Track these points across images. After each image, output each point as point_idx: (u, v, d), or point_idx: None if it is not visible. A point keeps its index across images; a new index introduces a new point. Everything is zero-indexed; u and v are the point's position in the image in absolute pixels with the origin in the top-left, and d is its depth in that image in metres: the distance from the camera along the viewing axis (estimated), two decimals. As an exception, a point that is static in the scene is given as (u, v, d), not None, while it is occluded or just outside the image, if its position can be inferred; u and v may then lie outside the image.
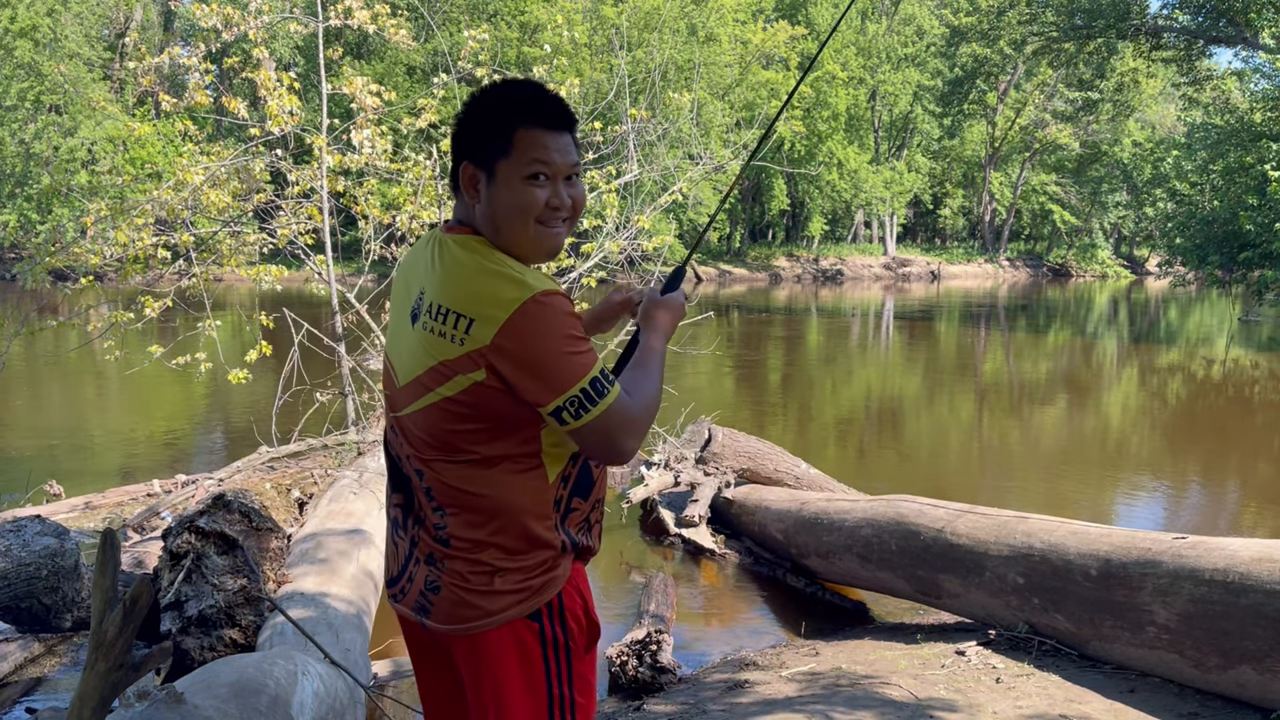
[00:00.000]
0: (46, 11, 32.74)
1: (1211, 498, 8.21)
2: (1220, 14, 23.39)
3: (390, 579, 1.73)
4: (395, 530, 1.72)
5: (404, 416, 1.64)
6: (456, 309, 1.52)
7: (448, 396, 1.55)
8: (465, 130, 1.64)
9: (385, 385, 1.74)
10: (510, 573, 1.59)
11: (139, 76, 6.86)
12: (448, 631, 1.62)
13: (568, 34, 17.96)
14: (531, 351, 1.49)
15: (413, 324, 1.60)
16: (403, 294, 1.69)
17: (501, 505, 1.58)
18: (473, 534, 1.59)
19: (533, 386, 1.51)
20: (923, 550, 4.50)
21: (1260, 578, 3.21)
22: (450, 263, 1.57)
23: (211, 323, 6.98)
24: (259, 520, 4.30)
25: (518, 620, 1.60)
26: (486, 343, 1.49)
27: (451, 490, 1.59)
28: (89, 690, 1.97)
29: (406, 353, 1.62)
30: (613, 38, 31.26)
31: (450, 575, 1.60)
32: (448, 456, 1.59)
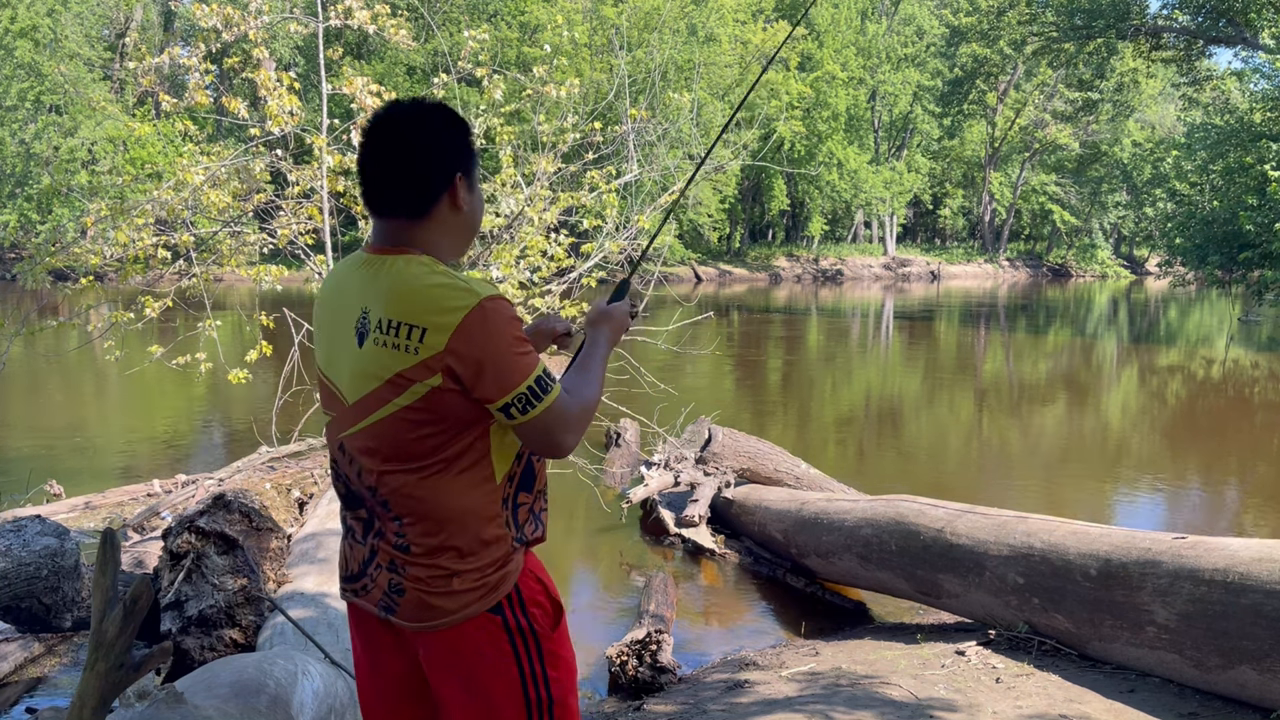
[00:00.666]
0: (47, 12, 32.74)
1: (1211, 498, 8.21)
2: (1220, 14, 23.39)
3: (348, 575, 1.84)
4: (351, 537, 1.82)
5: (355, 434, 1.71)
6: (408, 320, 1.61)
7: (405, 406, 1.63)
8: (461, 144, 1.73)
9: (328, 408, 1.79)
10: (466, 573, 1.69)
11: (139, 77, 6.86)
12: (415, 629, 1.72)
13: (568, 34, 17.98)
14: (483, 351, 1.60)
15: (360, 343, 1.67)
16: (335, 316, 1.74)
17: (455, 510, 1.68)
18: (429, 540, 1.68)
19: (484, 385, 1.61)
20: (922, 550, 4.50)
21: (1260, 578, 3.21)
22: (396, 278, 1.65)
23: (212, 323, 6.98)
24: (259, 520, 4.30)
25: (480, 615, 1.70)
26: (441, 349, 1.59)
27: (409, 499, 1.68)
28: (89, 690, 1.97)
29: (354, 372, 1.69)
30: (613, 38, 31.26)
31: (411, 580, 1.70)
32: (405, 465, 1.67)
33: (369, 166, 1.73)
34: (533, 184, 7.49)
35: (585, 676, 4.40)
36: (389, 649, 1.81)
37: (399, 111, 1.72)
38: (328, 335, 1.77)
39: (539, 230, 7.54)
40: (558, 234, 7.82)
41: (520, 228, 7.45)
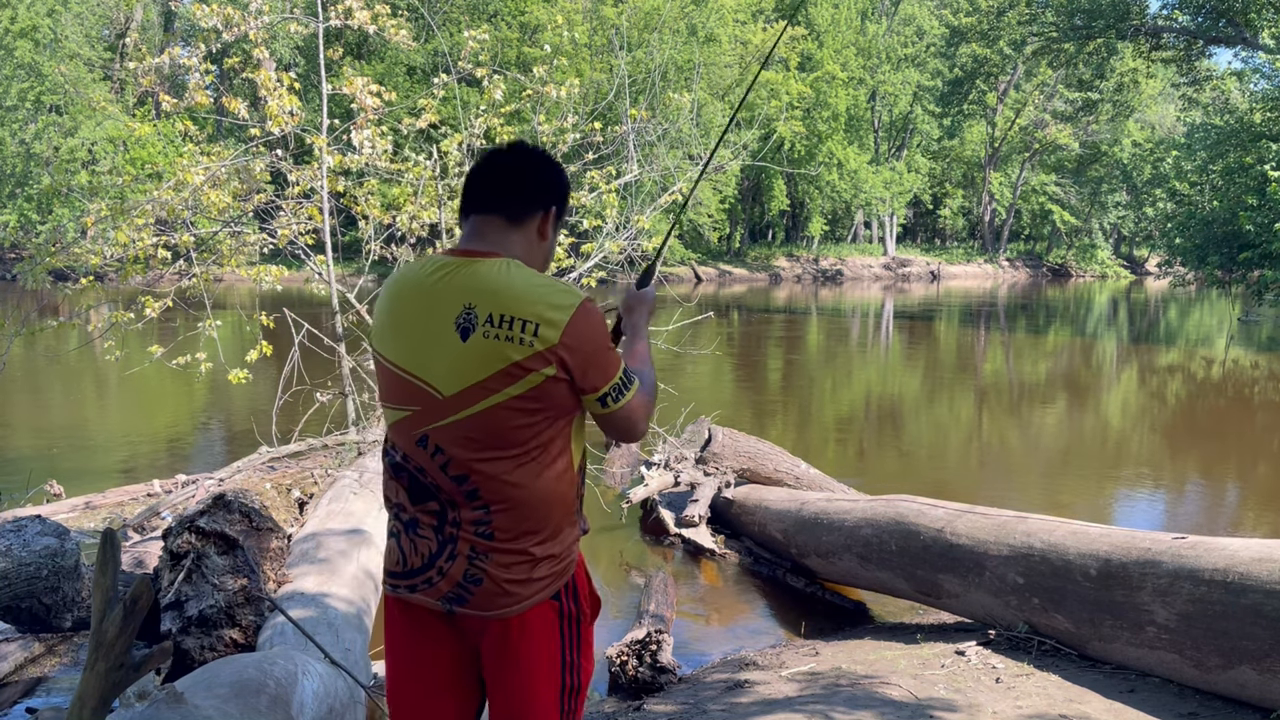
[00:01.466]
0: (47, 12, 32.75)
1: (1211, 498, 8.21)
2: (1220, 14, 23.38)
3: (406, 571, 1.86)
4: (412, 532, 1.85)
5: (450, 424, 1.78)
6: (522, 316, 1.74)
7: (517, 395, 1.75)
8: (562, 184, 1.96)
9: (405, 403, 1.84)
10: (546, 560, 1.82)
11: (139, 77, 6.87)
12: (485, 618, 1.81)
13: (568, 34, 17.97)
14: (589, 345, 1.78)
15: (464, 338, 1.76)
16: (423, 314, 1.81)
17: (544, 497, 1.80)
18: (516, 527, 1.79)
19: (590, 375, 1.78)
20: (922, 550, 4.50)
21: (1260, 578, 3.21)
22: (503, 277, 1.78)
23: (212, 323, 6.98)
24: (259, 520, 4.30)
25: (545, 602, 1.83)
26: (555, 342, 1.74)
27: (502, 485, 1.78)
28: (89, 690, 1.97)
29: (456, 364, 1.77)
30: (613, 38, 31.25)
31: (494, 566, 1.79)
32: (502, 453, 1.77)
33: (484, 176, 1.90)
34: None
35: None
36: (437, 641, 1.88)
37: (528, 149, 1.94)
38: (412, 333, 1.82)
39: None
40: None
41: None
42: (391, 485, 1.89)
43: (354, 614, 3.95)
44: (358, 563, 4.44)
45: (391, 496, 1.90)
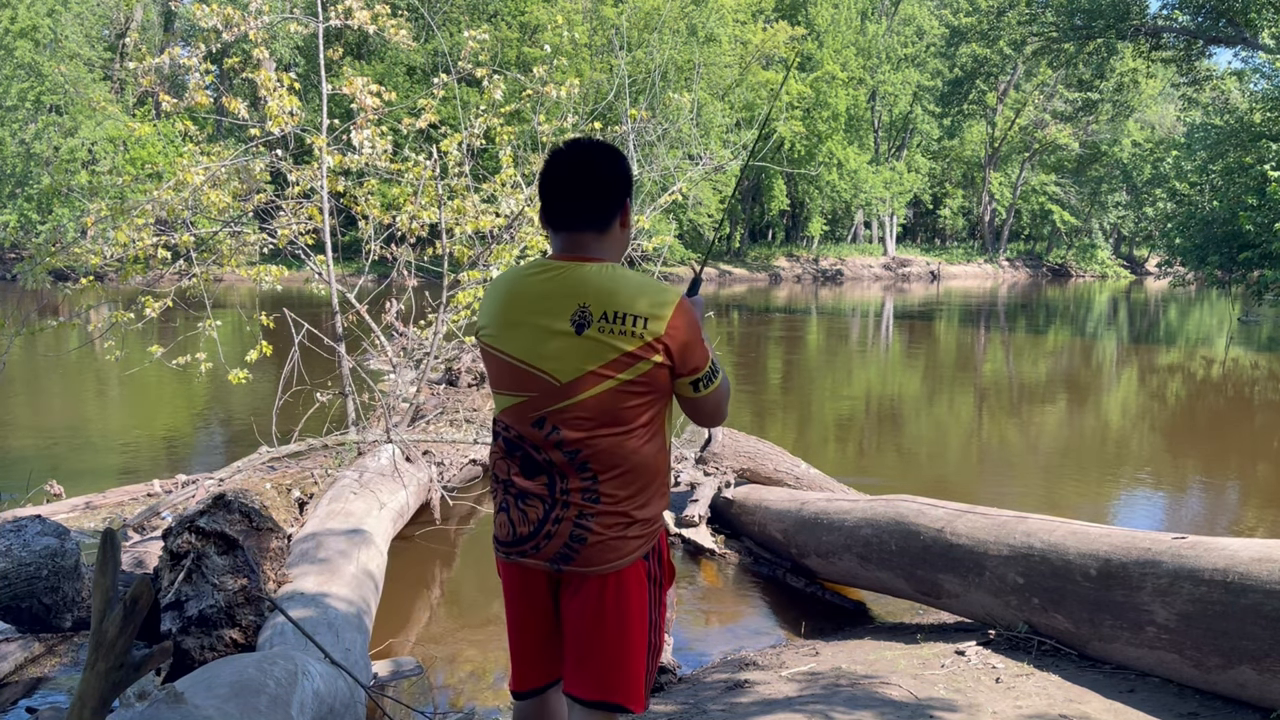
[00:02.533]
0: (47, 12, 32.73)
1: (1211, 498, 8.21)
2: (1220, 14, 23.38)
3: (516, 539, 2.13)
4: (522, 503, 2.12)
5: (567, 406, 2.05)
6: (632, 312, 2.01)
7: (628, 380, 2.03)
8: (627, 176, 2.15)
9: (521, 390, 2.10)
10: (639, 523, 2.10)
11: (139, 77, 6.86)
12: (588, 573, 2.08)
13: (568, 34, 17.97)
14: (688, 335, 2.06)
15: (579, 332, 2.03)
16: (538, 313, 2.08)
17: (646, 466, 2.09)
18: (620, 491, 2.07)
19: (688, 361, 2.07)
20: (922, 550, 4.50)
21: (1260, 578, 3.21)
22: (612, 280, 2.06)
23: (212, 323, 6.97)
24: (259, 520, 4.30)
25: (640, 560, 2.11)
26: (661, 333, 2.02)
27: (611, 456, 2.05)
28: (89, 690, 1.97)
29: (570, 356, 2.04)
30: (613, 38, 31.24)
31: (599, 526, 2.06)
32: (613, 430, 2.05)
33: (564, 190, 2.12)
34: (533, 184, 7.49)
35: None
36: (546, 599, 2.16)
37: (588, 147, 2.14)
38: (529, 328, 2.08)
39: (539, 230, 7.54)
40: (558, 234, 7.82)
41: (520, 228, 7.45)
42: (503, 463, 2.16)
43: (354, 614, 3.95)
44: (358, 563, 4.44)
45: (501, 474, 2.16)
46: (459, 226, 7.15)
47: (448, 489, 6.55)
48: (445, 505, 6.40)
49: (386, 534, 5.24)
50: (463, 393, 8.48)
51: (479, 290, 7.16)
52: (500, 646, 4.76)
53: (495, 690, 4.27)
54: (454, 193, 7.30)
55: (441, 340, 7.39)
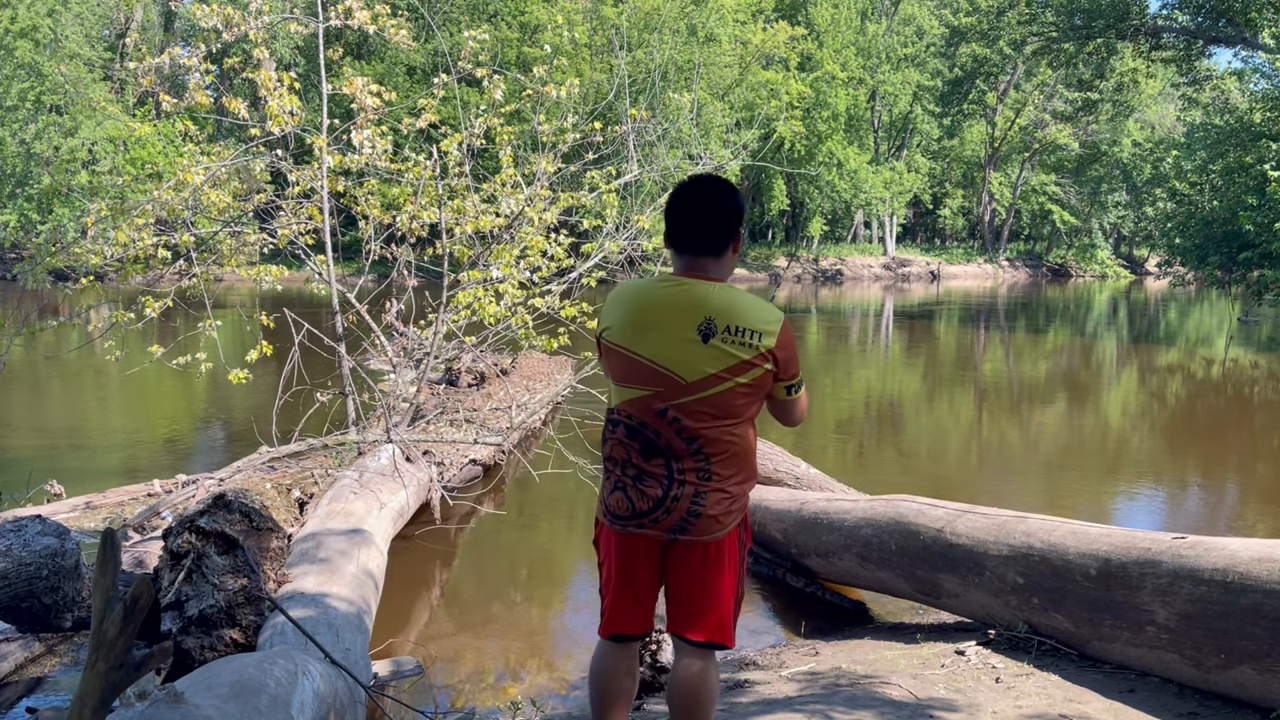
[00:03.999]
0: (47, 12, 32.72)
1: (1211, 498, 8.21)
2: (1220, 14, 23.38)
3: (633, 514, 2.54)
4: (643, 481, 2.52)
5: (691, 401, 2.47)
6: (751, 328, 2.47)
7: (743, 382, 2.48)
8: (740, 210, 2.57)
9: (645, 384, 2.51)
10: (739, 498, 2.56)
11: (139, 77, 6.86)
12: (699, 541, 2.52)
13: (568, 34, 18.02)
14: (789, 350, 2.53)
15: (704, 341, 2.46)
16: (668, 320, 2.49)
17: (746, 450, 2.56)
18: (726, 470, 2.52)
19: (788, 370, 2.54)
20: (922, 550, 4.50)
21: (1260, 577, 3.21)
22: (732, 300, 2.49)
23: (212, 323, 6.97)
24: (259, 520, 4.30)
25: (735, 529, 2.56)
26: (772, 346, 2.48)
27: (722, 442, 2.49)
28: (89, 690, 1.97)
29: (696, 358, 2.46)
30: (613, 38, 31.24)
31: (709, 504, 2.50)
32: (726, 420, 2.49)
33: (689, 218, 2.55)
34: (533, 184, 7.49)
35: (585, 676, 4.40)
36: (649, 561, 2.59)
37: (711, 184, 2.58)
38: (659, 333, 2.50)
39: (539, 230, 7.54)
40: (558, 234, 7.82)
41: (520, 228, 7.46)
42: (621, 447, 2.55)
43: (354, 614, 3.95)
44: (358, 563, 4.44)
45: (619, 456, 2.56)
46: (459, 226, 7.15)
47: (448, 489, 6.56)
48: (445, 505, 6.40)
49: (386, 534, 5.24)
50: (463, 393, 8.48)
51: (479, 290, 7.16)
52: (500, 646, 4.76)
53: (495, 690, 4.27)
54: (454, 193, 7.29)
55: (441, 340, 7.39)
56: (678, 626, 2.61)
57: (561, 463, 6.88)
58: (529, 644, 4.81)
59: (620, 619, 2.64)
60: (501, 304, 7.24)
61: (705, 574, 2.54)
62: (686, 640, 2.59)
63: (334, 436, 6.44)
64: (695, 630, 2.57)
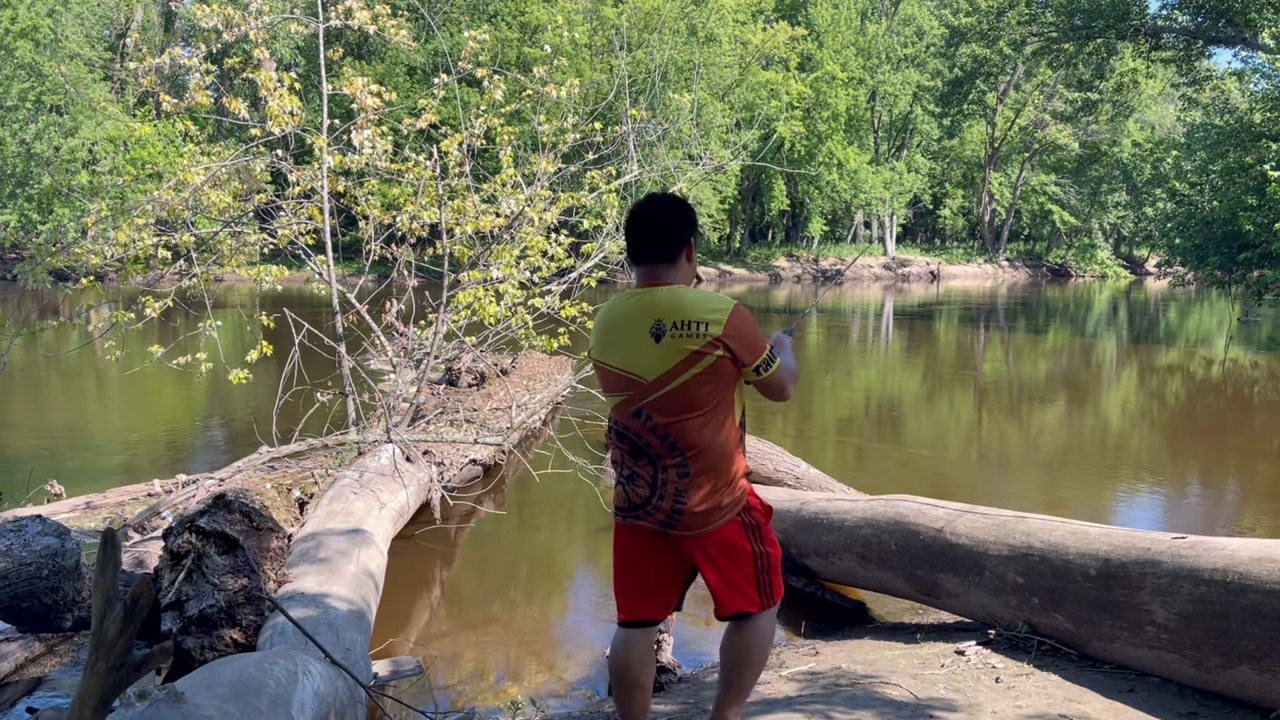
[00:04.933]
0: (47, 12, 32.72)
1: (1211, 498, 8.21)
2: (1220, 14, 23.38)
3: (630, 506, 2.74)
4: (631, 482, 2.72)
5: (656, 399, 2.64)
6: (694, 319, 2.62)
7: (698, 373, 2.61)
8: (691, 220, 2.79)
9: (618, 391, 2.72)
10: (724, 489, 2.68)
11: (139, 77, 6.86)
12: (691, 535, 2.68)
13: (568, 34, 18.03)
14: (741, 334, 2.65)
15: (657, 340, 2.63)
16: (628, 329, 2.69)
17: (720, 444, 2.66)
18: (704, 465, 2.64)
19: (745, 354, 2.66)
20: (922, 550, 4.51)
21: (1259, 577, 3.22)
22: (677, 298, 2.67)
23: (212, 323, 6.97)
24: (260, 520, 4.30)
25: (732, 519, 2.71)
26: (719, 334, 2.61)
27: (692, 436, 2.63)
28: (89, 690, 1.97)
29: (654, 359, 2.63)
30: (613, 38, 31.25)
31: (691, 500, 2.64)
32: (692, 414, 2.62)
33: (641, 231, 2.75)
34: (533, 184, 7.49)
35: (585, 676, 4.40)
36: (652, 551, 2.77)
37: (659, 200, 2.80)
38: (621, 343, 2.71)
39: (539, 230, 7.54)
40: (558, 234, 7.82)
41: (520, 228, 7.46)
42: (616, 449, 2.77)
43: (354, 614, 3.95)
44: (358, 562, 4.44)
45: (616, 458, 2.78)
46: (459, 226, 7.15)
47: (448, 489, 6.56)
48: (445, 505, 6.40)
49: (387, 534, 5.25)
50: (463, 393, 8.49)
51: (479, 290, 7.16)
52: (500, 646, 4.77)
53: (495, 690, 4.27)
54: (454, 193, 7.29)
55: (441, 340, 7.40)
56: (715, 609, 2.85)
57: (561, 463, 6.88)
58: (529, 644, 4.81)
59: (627, 605, 2.83)
60: (501, 304, 7.25)
61: (713, 563, 2.72)
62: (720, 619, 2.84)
63: (334, 436, 6.45)
64: (720, 609, 2.80)
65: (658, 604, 2.83)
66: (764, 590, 2.78)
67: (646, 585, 2.81)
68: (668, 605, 2.86)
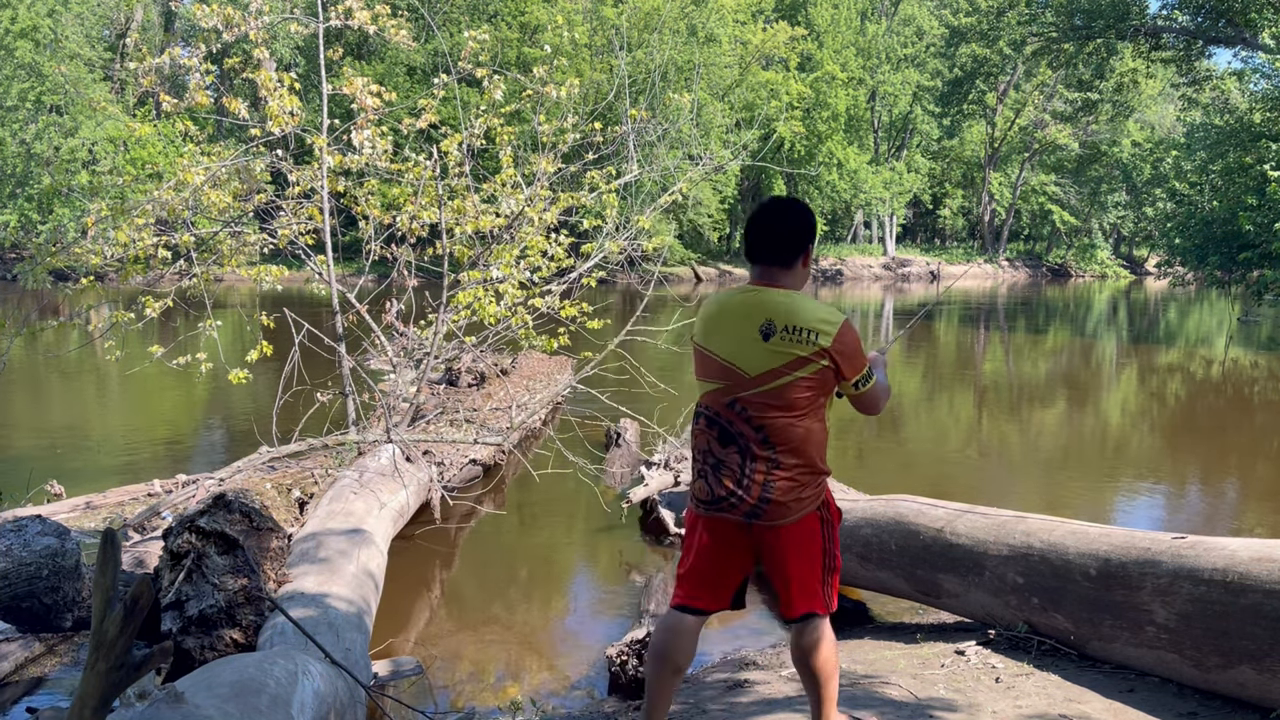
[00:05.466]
0: (47, 12, 32.71)
1: (1211, 498, 8.21)
2: (1220, 14, 23.38)
3: (713, 500, 2.83)
4: (720, 469, 2.81)
5: (755, 393, 2.77)
6: (807, 327, 2.73)
7: (801, 377, 2.74)
8: (812, 228, 2.88)
9: (716, 379, 2.83)
10: (809, 485, 2.79)
11: (139, 77, 6.85)
12: (772, 525, 2.79)
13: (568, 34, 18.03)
14: (849, 348, 2.77)
15: (765, 339, 2.75)
16: (738, 321, 2.81)
17: (810, 442, 2.79)
18: (793, 460, 2.76)
19: (848, 367, 2.79)
20: (922, 550, 4.51)
21: (1259, 577, 3.22)
22: (792, 303, 2.77)
23: (212, 323, 6.97)
24: (260, 520, 4.30)
25: (812, 513, 2.82)
26: (829, 345, 2.74)
27: (785, 434, 2.76)
28: (89, 690, 1.97)
29: (758, 355, 2.76)
30: (613, 38, 31.25)
31: (779, 490, 2.76)
32: (789, 413, 2.76)
33: (763, 232, 2.85)
34: (533, 184, 7.49)
35: (585, 676, 4.40)
36: (729, 543, 2.87)
37: (784, 203, 2.90)
38: (729, 334, 2.82)
39: (539, 230, 7.54)
40: (558, 234, 7.82)
41: (520, 228, 7.46)
42: (703, 436, 2.86)
43: (354, 614, 3.95)
44: (358, 562, 4.44)
45: (702, 445, 2.87)
46: (459, 226, 7.15)
47: (448, 489, 6.56)
48: (445, 505, 6.40)
49: (387, 534, 5.25)
50: (463, 393, 8.48)
51: (479, 290, 7.16)
52: (500, 646, 4.76)
53: (495, 690, 4.27)
54: (454, 193, 7.29)
55: (441, 340, 7.39)
56: (779, 607, 2.95)
57: (561, 463, 6.88)
58: (529, 644, 4.81)
59: (689, 594, 2.92)
60: (501, 304, 7.24)
61: (787, 555, 2.81)
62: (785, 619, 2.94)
63: (334, 436, 6.44)
64: (787, 608, 2.89)
65: (720, 597, 2.93)
66: (827, 595, 2.88)
67: (717, 577, 2.90)
68: (727, 600, 2.94)
